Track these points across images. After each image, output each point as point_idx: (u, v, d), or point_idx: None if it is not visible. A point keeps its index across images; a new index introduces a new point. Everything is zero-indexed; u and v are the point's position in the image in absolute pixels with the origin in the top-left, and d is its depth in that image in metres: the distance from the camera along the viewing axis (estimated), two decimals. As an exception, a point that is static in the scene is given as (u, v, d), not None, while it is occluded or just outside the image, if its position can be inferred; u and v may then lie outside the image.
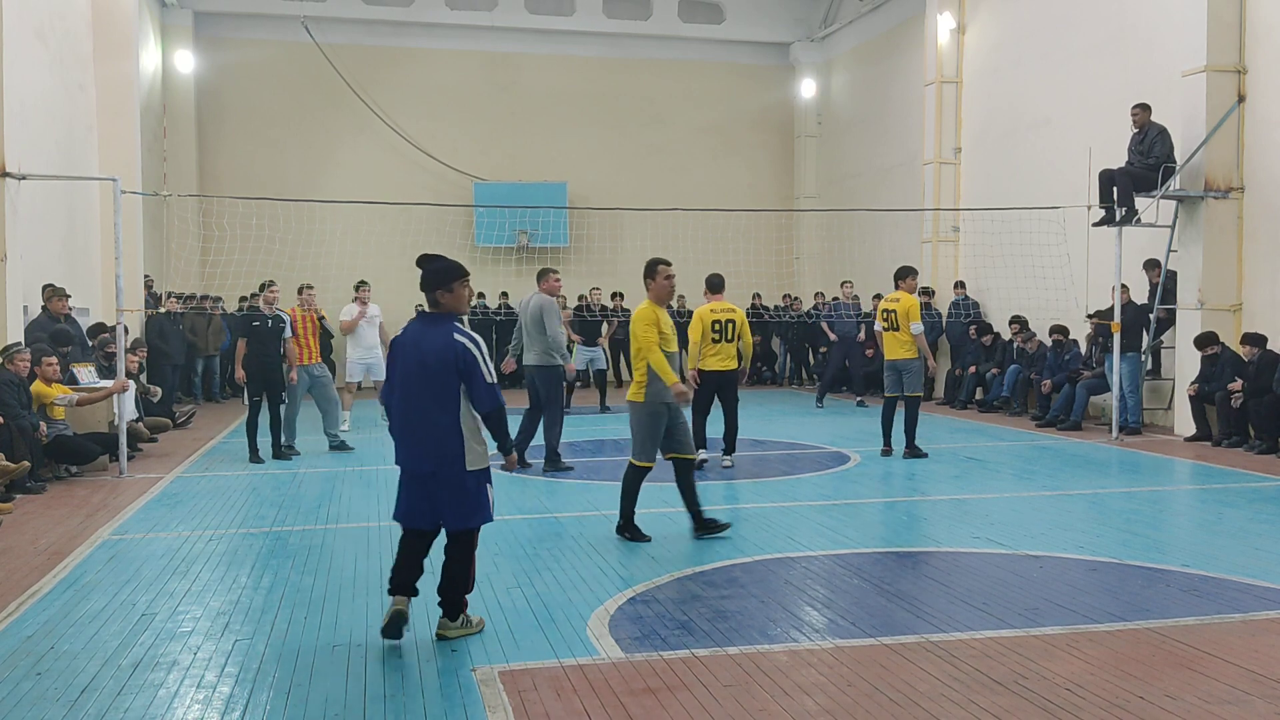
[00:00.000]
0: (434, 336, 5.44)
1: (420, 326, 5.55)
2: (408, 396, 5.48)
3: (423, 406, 5.43)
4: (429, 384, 5.41)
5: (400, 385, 5.52)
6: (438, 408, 5.41)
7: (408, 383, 5.48)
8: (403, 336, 5.61)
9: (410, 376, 5.47)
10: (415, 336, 5.52)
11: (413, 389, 5.46)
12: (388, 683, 4.92)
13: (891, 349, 11.78)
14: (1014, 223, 15.70)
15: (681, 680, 4.90)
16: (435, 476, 5.47)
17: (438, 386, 5.40)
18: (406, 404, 5.49)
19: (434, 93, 23.31)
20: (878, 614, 5.96)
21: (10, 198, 11.39)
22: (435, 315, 5.56)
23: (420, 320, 5.60)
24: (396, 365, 5.57)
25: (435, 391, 5.40)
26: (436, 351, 5.40)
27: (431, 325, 5.51)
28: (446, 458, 5.43)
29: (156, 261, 19.67)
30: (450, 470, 5.44)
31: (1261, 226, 13.10)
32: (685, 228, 20.10)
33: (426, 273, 5.55)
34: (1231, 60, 13.24)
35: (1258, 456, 11.72)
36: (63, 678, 5.01)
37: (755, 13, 24.46)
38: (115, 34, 16.58)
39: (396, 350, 5.59)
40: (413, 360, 5.46)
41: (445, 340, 5.40)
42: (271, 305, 12.27)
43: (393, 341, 5.67)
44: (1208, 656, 5.18)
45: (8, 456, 9.36)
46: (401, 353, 5.55)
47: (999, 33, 18.20)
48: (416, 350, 5.46)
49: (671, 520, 8.52)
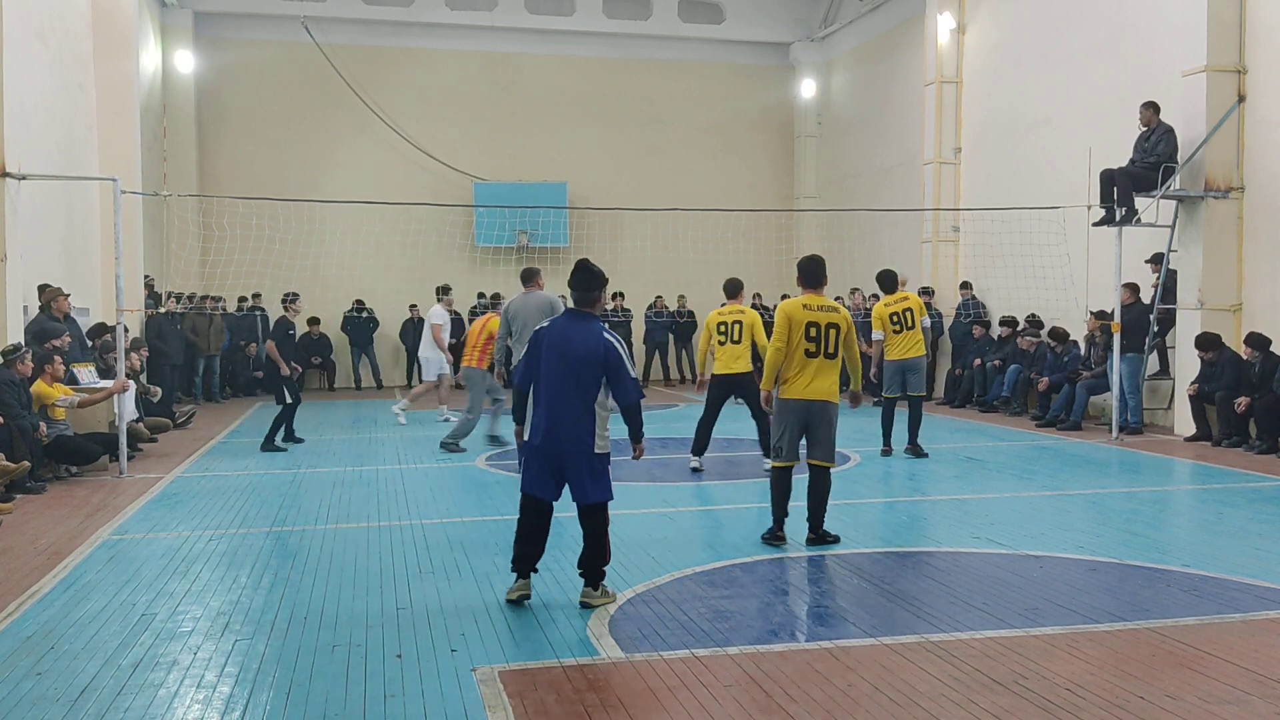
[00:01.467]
0: (584, 332, 6.03)
1: (568, 322, 6.12)
2: (551, 383, 6.00)
3: (565, 393, 5.97)
4: (574, 374, 5.96)
5: (546, 373, 6.02)
6: (578, 396, 5.97)
7: (553, 371, 5.99)
8: (550, 330, 6.11)
9: (556, 366, 5.99)
10: (564, 331, 6.07)
11: (557, 377, 5.98)
12: (388, 683, 4.92)
13: (904, 349, 11.76)
14: (1014, 223, 15.70)
15: (681, 680, 4.90)
16: (564, 456, 6.02)
17: (583, 377, 5.96)
18: (549, 389, 6.00)
19: (434, 93, 23.31)
20: (878, 614, 5.96)
21: (10, 198, 11.39)
22: (585, 314, 6.16)
23: (569, 317, 6.16)
24: (541, 355, 6.05)
25: (579, 381, 5.97)
26: (587, 346, 5.98)
27: (581, 322, 6.11)
28: (578, 440, 6.00)
29: (156, 261, 19.66)
30: (578, 451, 6.01)
31: (1261, 226, 13.10)
32: (685, 228, 20.12)
33: (591, 275, 6.18)
34: (1231, 60, 13.24)
35: (1258, 456, 11.72)
36: (63, 678, 5.01)
37: (755, 13, 24.46)
38: (115, 34, 16.57)
39: (543, 342, 6.07)
40: (560, 352, 6.00)
41: (595, 337, 6.01)
42: (297, 314, 13.37)
43: (538, 332, 6.14)
44: (1208, 656, 5.18)
45: (8, 456, 9.36)
46: (549, 344, 6.04)
47: (999, 33, 18.20)
48: (565, 343, 6.01)
49: (671, 520, 8.52)
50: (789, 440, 7.51)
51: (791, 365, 7.46)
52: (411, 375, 22.15)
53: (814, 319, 7.45)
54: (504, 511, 8.79)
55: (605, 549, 6.17)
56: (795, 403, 7.48)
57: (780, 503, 7.58)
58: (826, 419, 7.50)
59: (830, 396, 7.48)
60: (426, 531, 8.13)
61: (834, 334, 7.47)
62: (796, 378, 7.46)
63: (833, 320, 7.49)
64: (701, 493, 9.87)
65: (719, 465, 11.48)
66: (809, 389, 7.43)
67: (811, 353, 7.43)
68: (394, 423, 15.53)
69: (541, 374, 6.05)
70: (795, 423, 7.50)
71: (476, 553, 7.43)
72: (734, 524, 8.33)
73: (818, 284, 7.63)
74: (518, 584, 6.21)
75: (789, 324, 7.44)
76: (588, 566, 6.18)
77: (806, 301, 7.52)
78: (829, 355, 7.46)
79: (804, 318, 7.45)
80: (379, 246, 20.52)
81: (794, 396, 7.47)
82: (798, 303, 7.53)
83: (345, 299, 21.31)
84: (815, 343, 7.42)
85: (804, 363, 7.43)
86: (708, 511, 8.88)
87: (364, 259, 20.42)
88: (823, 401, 7.47)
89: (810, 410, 7.46)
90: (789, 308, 7.53)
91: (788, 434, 7.51)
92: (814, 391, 7.44)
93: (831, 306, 7.54)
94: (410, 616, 5.93)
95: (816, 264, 7.70)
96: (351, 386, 22.17)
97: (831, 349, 7.46)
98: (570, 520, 8.60)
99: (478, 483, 10.46)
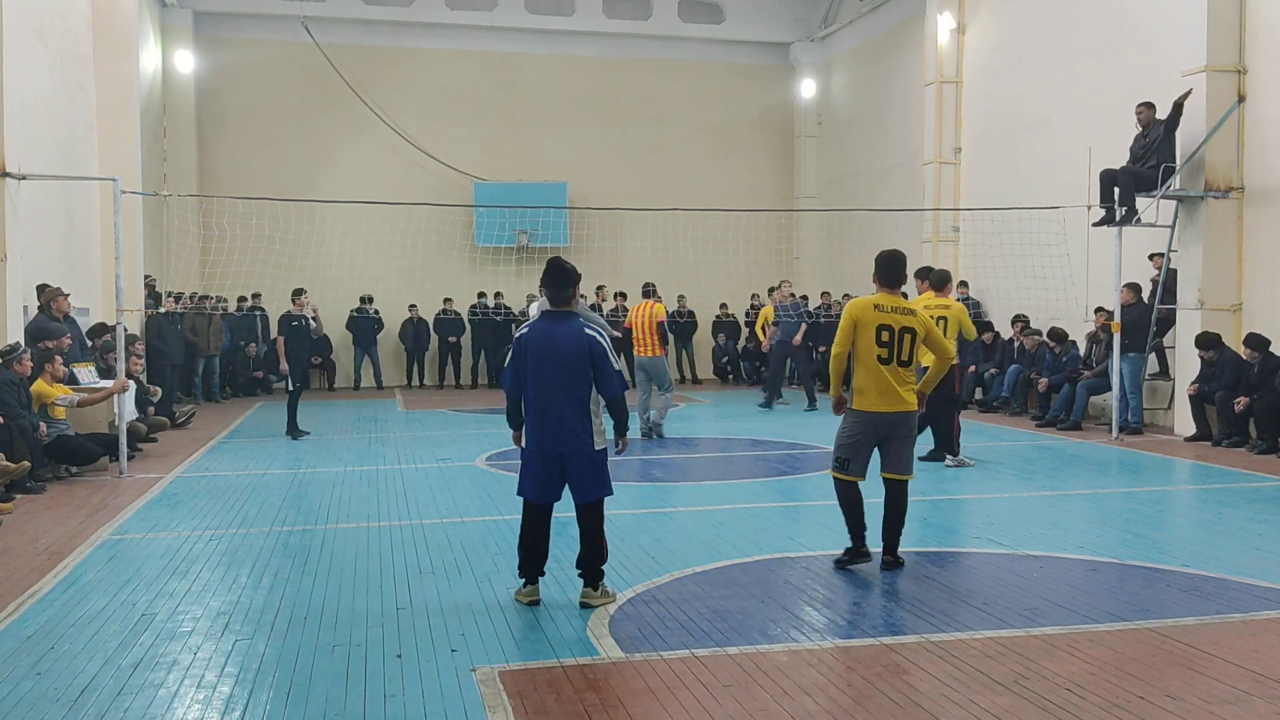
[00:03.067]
0: (567, 331, 6.05)
1: (548, 324, 6.11)
2: (542, 386, 6.02)
3: (557, 394, 6.00)
4: (564, 374, 5.99)
5: (535, 376, 6.03)
6: (571, 395, 6.00)
7: (543, 373, 6.01)
8: (531, 334, 6.11)
9: (546, 368, 6.01)
10: (546, 331, 6.07)
11: (548, 379, 6.01)
12: (388, 683, 4.92)
13: None
14: (1014, 223, 15.70)
15: (681, 680, 4.90)
16: (564, 456, 6.05)
17: (573, 376, 6.00)
18: (541, 392, 6.02)
19: (434, 93, 23.31)
20: (878, 614, 5.96)
21: (10, 198, 11.39)
22: (564, 313, 6.15)
23: (547, 319, 6.14)
24: (528, 358, 6.06)
25: (570, 380, 6.00)
26: (572, 344, 6.00)
27: (562, 322, 6.10)
28: (577, 439, 6.03)
29: (156, 261, 19.67)
30: (579, 449, 6.04)
31: (1261, 226, 13.11)
32: (685, 228, 20.12)
33: (565, 274, 6.12)
34: (1231, 60, 13.24)
35: (1258, 456, 11.72)
36: (63, 678, 5.01)
37: (755, 13, 24.46)
38: (115, 34, 16.56)
39: (527, 346, 6.08)
40: (547, 353, 6.01)
41: (578, 334, 6.03)
42: (303, 309, 13.92)
43: (520, 339, 6.15)
44: (1208, 656, 5.18)
45: (8, 456, 9.36)
46: (534, 349, 6.05)
47: (999, 33, 18.20)
48: (551, 344, 6.02)
49: (670, 520, 8.52)
50: (859, 456, 6.78)
51: (862, 373, 6.69)
52: (412, 375, 22.17)
53: (886, 321, 6.65)
54: (504, 511, 8.80)
55: (602, 547, 6.20)
56: (869, 416, 6.70)
57: (855, 518, 6.84)
58: (905, 431, 6.78)
59: (909, 406, 6.72)
60: (426, 531, 8.13)
61: (909, 339, 6.66)
62: (869, 387, 6.67)
63: (907, 324, 6.67)
64: (701, 493, 9.87)
65: (720, 465, 11.49)
66: (884, 400, 6.65)
67: (884, 359, 6.62)
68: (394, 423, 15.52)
69: (530, 379, 6.06)
70: (868, 438, 6.76)
71: (476, 553, 7.43)
72: (734, 524, 8.33)
73: (897, 283, 6.83)
74: (527, 589, 6.22)
75: (854, 326, 6.66)
76: (586, 566, 6.19)
77: (879, 301, 6.72)
78: (903, 362, 6.67)
79: (874, 319, 6.64)
80: (379, 246, 20.52)
81: (868, 409, 6.69)
82: (868, 302, 6.74)
83: (345, 299, 21.30)
84: (887, 348, 6.62)
85: (876, 370, 6.63)
86: (708, 511, 8.87)
87: (364, 259, 20.42)
88: (900, 413, 6.71)
89: (886, 423, 6.72)
90: (857, 308, 6.73)
91: (859, 450, 6.77)
92: (891, 403, 6.67)
93: (908, 308, 6.73)
94: (410, 616, 5.93)
95: (898, 260, 6.87)
96: (351, 386, 22.16)
97: (906, 355, 6.66)
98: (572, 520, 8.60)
99: (478, 483, 10.46)
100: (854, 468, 6.80)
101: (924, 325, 6.77)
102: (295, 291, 14.24)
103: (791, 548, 7.56)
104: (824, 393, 18.71)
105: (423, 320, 22.08)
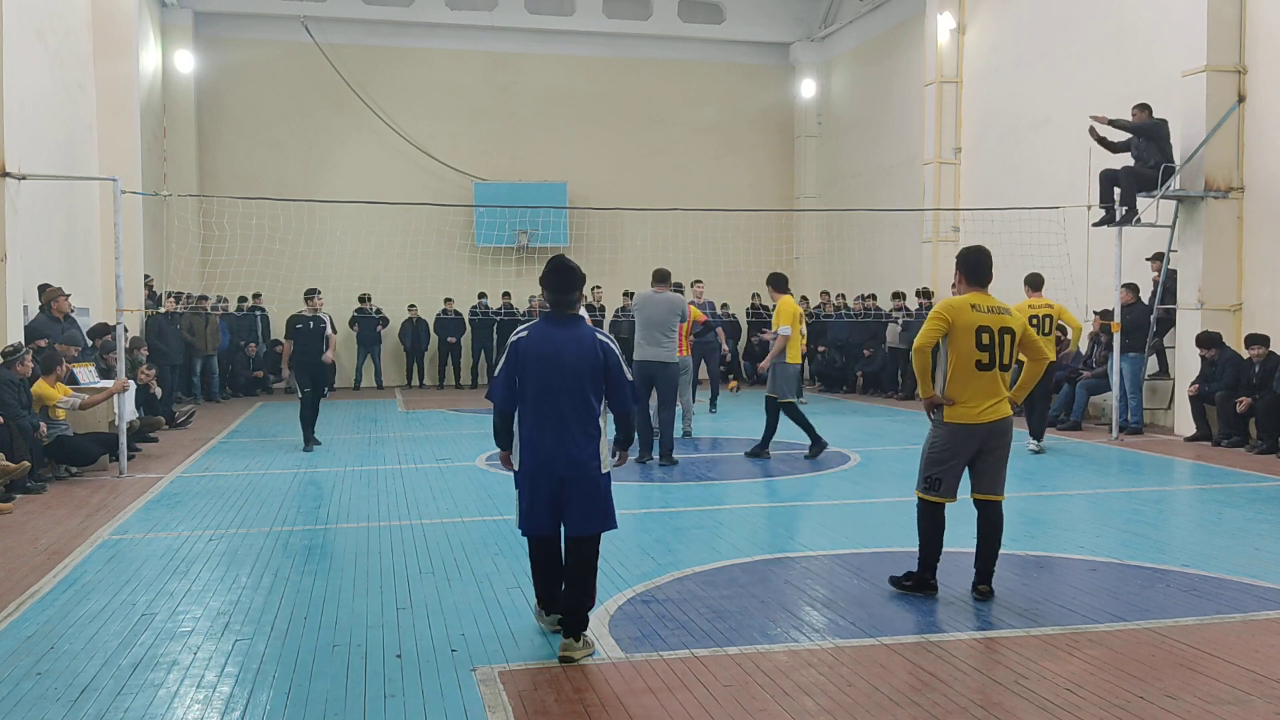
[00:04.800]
0: (574, 337, 5.29)
1: (550, 327, 5.34)
2: (543, 398, 5.25)
3: (560, 408, 5.23)
4: (570, 385, 5.23)
5: (536, 387, 5.26)
6: (579, 409, 5.24)
7: (545, 384, 5.25)
8: (530, 339, 5.30)
9: (548, 378, 5.24)
10: (547, 336, 5.30)
11: (550, 390, 5.24)
12: (388, 683, 4.92)
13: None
14: (1014, 223, 15.69)
15: (681, 680, 4.90)
16: (567, 480, 5.27)
17: (580, 387, 5.24)
18: (541, 406, 5.25)
19: (434, 93, 23.31)
20: (878, 614, 5.96)
21: (10, 198, 11.39)
22: (570, 316, 5.41)
23: (548, 321, 5.38)
24: (526, 366, 5.28)
25: (577, 392, 5.24)
26: (581, 351, 5.25)
27: (568, 326, 5.35)
28: (582, 460, 5.26)
29: (156, 261, 19.68)
30: (583, 473, 5.27)
31: (1261, 226, 13.11)
32: (685, 228, 20.12)
33: (571, 274, 5.43)
34: (1231, 60, 13.25)
35: (1258, 456, 11.72)
36: (63, 678, 5.01)
37: (755, 13, 24.46)
38: (115, 34, 16.57)
39: (524, 352, 5.29)
40: (550, 361, 5.24)
41: (589, 340, 5.29)
42: (316, 311, 13.04)
43: (516, 343, 5.33)
44: (1208, 656, 5.18)
45: (8, 456, 9.36)
46: (534, 356, 5.27)
47: (999, 33, 18.20)
48: (553, 350, 5.25)
49: (670, 520, 8.52)
50: (950, 475, 6.20)
51: (959, 380, 6.10)
52: (412, 375, 22.17)
53: (984, 322, 6.08)
54: (504, 511, 8.80)
55: (593, 588, 5.39)
56: (964, 429, 6.11)
57: (933, 546, 6.31)
58: (1001, 442, 6.19)
59: (1006, 413, 6.16)
60: (426, 531, 8.13)
61: (1009, 340, 6.14)
62: (967, 395, 6.09)
63: (1006, 324, 6.14)
64: (701, 493, 9.87)
65: (719, 465, 11.49)
66: (985, 410, 6.09)
67: (984, 364, 6.07)
68: (394, 423, 15.52)
69: (529, 390, 5.28)
70: (963, 454, 6.18)
71: (476, 553, 7.43)
72: (734, 524, 8.33)
73: (985, 281, 6.28)
74: (551, 617, 5.54)
75: (948, 326, 6.08)
76: (570, 612, 5.24)
77: (974, 301, 6.16)
78: (1004, 367, 6.14)
79: (972, 321, 6.07)
80: (379, 246, 20.53)
81: (966, 421, 6.10)
82: (963, 302, 6.16)
83: (345, 299, 21.29)
84: (988, 352, 6.07)
85: (974, 377, 6.07)
86: (708, 511, 8.87)
87: (364, 259, 20.44)
88: (996, 423, 6.13)
89: (982, 435, 6.14)
90: (952, 309, 6.13)
91: (952, 468, 6.19)
92: (992, 412, 6.10)
93: (1002, 307, 6.21)
94: (410, 616, 5.93)
95: (984, 257, 6.30)
96: (350, 386, 22.16)
97: (1007, 359, 6.15)
98: (570, 520, 8.62)
99: (478, 483, 10.46)
100: (945, 488, 6.21)
101: (1021, 324, 6.25)
102: (308, 292, 13.24)
103: (791, 548, 7.56)
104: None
105: (423, 320, 22.09)
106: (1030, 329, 6.34)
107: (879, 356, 19.51)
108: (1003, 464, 6.25)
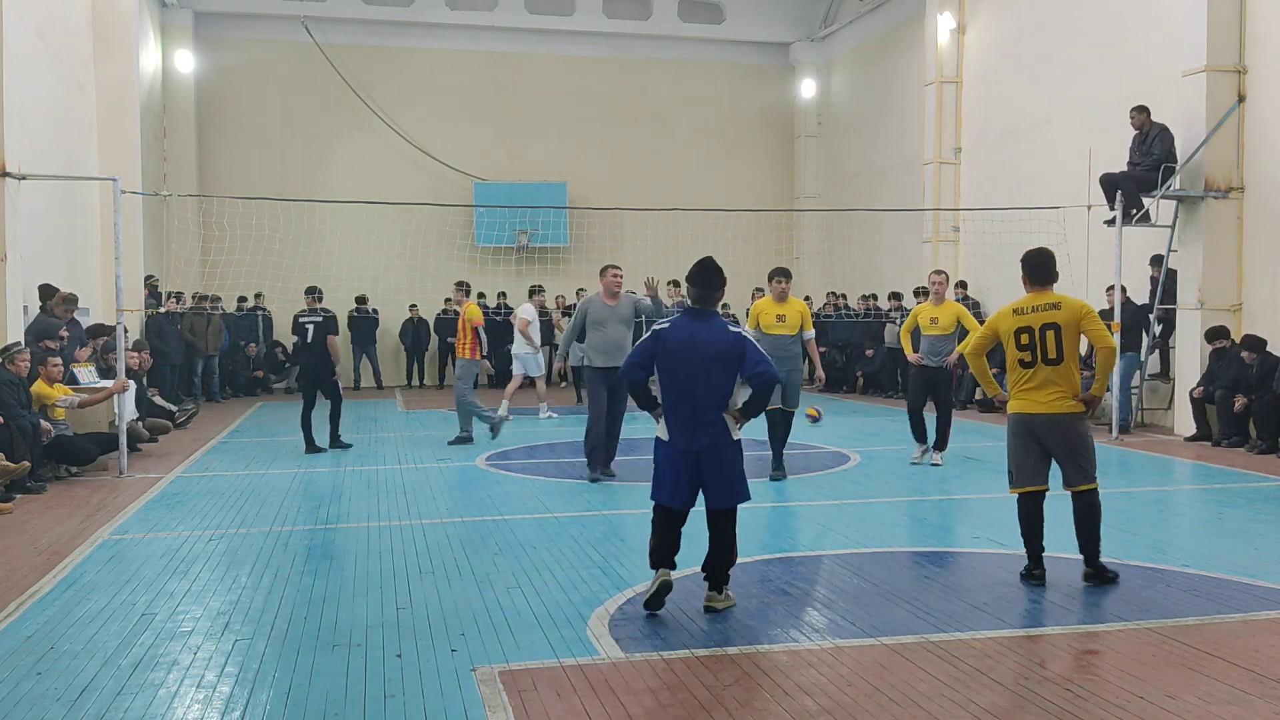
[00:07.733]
0: (712, 329, 6.04)
1: (692, 321, 6.08)
2: (687, 382, 5.98)
3: (700, 391, 5.95)
4: (710, 370, 5.95)
5: (680, 373, 5.99)
6: (716, 391, 5.96)
7: (688, 370, 5.97)
8: (673, 330, 6.06)
9: (690, 365, 5.97)
10: (690, 329, 6.04)
11: (693, 376, 5.96)
12: (388, 683, 4.92)
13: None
14: (1014, 223, 15.69)
15: (681, 680, 4.90)
16: (703, 456, 5.97)
17: (719, 372, 5.95)
18: (683, 388, 5.98)
19: (434, 93, 23.31)
20: (878, 614, 5.95)
21: (10, 198, 11.39)
22: (708, 312, 6.14)
23: (690, 316, 6.12)
24: (670, 355, 6.01)
25: (715, 377, 5.96)
26: (719, 342, 5.98)
27: (707, 320, 6.09)
28: (717, 433, 5.96)
29: (156, 261, 19.67)
30: (719, 444, 5.96)
31: (1261, 226, 13.11)
32: (685, 228, 20.10)
33: (716, 274, 6.12)
34: (1231, 60, 13.24)
35: (1258, 456, 11.72)
36: (63, 678, 5.00)
37: (755, 13, 24.47)
38: (115, 34, 16.57)
39: (670, 342, 6.03)
40: (690, 351, 5.98)
41: (725, 332, 6.03)
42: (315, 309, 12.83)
43: (659, 334, 6.07)
44: (1208, 656, 5.18)
45: (8, 456, 9.36)
46: (678, 344, 6.01)
47: (999, 33, 18.20)
48: (693, 341, 6.00)
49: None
50: (1021, 462, 6.56)
51: (1011, 377, 6.64)
52: (412, 375, 22.17)
53: (1024, 324, 6.48)
54: (504, 511, 8.80)
55: (734, 546, 6.08)
56: (1020, 419, 6.55)
57: (1029, 535, 6.59)
58: (1064, 434, 6.45)
59: (1061, 408, 6.42)
60: (426, 531, 8.13)
61: (1052, 336, 6.40)
62: (1020, 389, 6.56)
63: (1048, 320, 6.42)
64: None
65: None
66: (1034, 402, 6.47)
67: (1027, 362, 6.48)
68: (394, 423, 15.52)
69: (668, 376, 6.03)
70: (1027, 443, 6.54)
71: (476, 553, 7.43)
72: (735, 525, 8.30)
73: (1047, 281, 6.59)
74: (660, 573, 5.94)
75: (994, 333, 6.68)
76: (714, 570, 6.03)
77: (1018, 305, 6.56)
78: (1049, 361, 6.41)
79: (1011, 325, 6.52)
80: (379, 246, 20.52)
81: (1019, 411, 6.55)
82: (1007, 310, 6.65)
83: (345, 299, 21.30)
84: (1029, 350, 6.45)
85: (1022, 374, 6.53)
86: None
87: (364, 259, 20.43)
88: (1049, 416, 6.44)
89: (1041, 427, 6.47)
90: (996, 319, 6.71)
91: (1022, 457, 6.55)
92: (1040, 404, 6.46)
93: (1051, 303, 6.47)
94: (410, 616, 5.93)
95: (1047, 259, 6.63)
96: (350, 386, 22.15)
97: (1053, 354, 6.40)
98: (572, 520, 8.62)
99: (478, 483, 10.46)
100: (1020, 479, 6.56)
101: (1071, 316, 6.43)
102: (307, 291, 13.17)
103: (791, 548, 7.56)
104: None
105: (423, 320, 22.08)
106: (1088, 319, 6.47)
107: (879, 356, 19.51)
108: (1072, 455, 6.49)
